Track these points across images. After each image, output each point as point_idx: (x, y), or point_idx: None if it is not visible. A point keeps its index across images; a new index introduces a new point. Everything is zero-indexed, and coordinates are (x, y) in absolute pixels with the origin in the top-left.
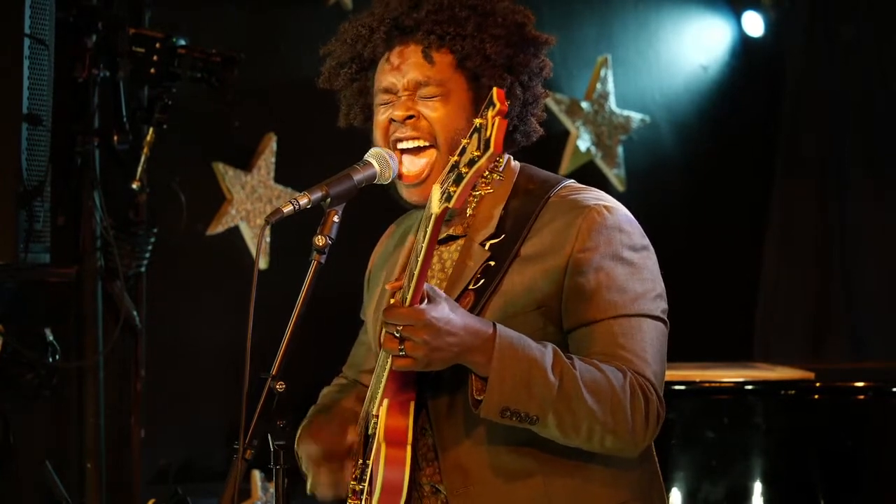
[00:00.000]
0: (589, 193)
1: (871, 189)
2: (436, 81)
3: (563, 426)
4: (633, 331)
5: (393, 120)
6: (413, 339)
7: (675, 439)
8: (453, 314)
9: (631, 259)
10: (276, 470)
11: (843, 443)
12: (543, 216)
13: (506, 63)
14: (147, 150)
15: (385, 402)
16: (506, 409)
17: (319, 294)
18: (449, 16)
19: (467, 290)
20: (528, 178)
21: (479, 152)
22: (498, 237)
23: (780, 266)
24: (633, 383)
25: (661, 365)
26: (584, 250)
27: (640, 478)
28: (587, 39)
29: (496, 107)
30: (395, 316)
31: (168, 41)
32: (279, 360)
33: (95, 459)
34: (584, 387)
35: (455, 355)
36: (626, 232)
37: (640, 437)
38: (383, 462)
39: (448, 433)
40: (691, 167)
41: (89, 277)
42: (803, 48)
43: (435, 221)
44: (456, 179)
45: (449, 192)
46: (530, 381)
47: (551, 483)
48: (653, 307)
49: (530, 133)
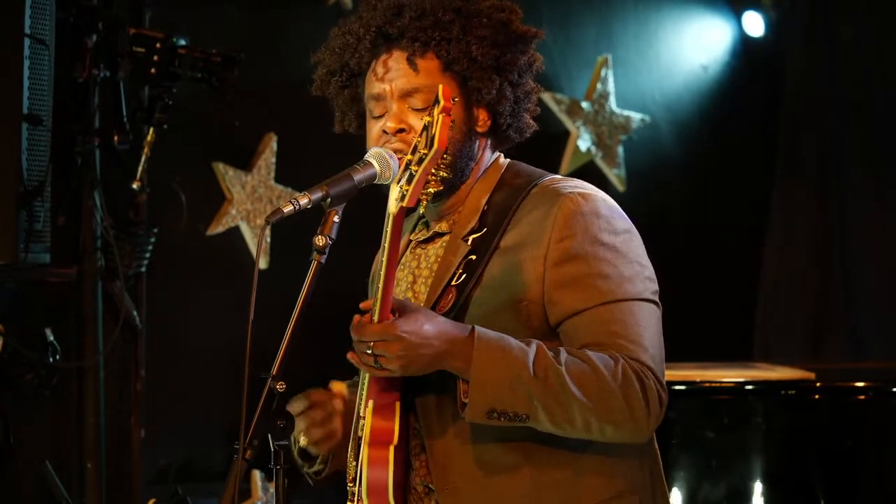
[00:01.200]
0: (567, 182)
1: (871, 189)
2: (425, 88)
3: (557, 420)
4: (623, 316)
5: (385, 131)
6: (386, 355)
7: (675, 439)
8: (427, 324)
9: (612, 243)
10: (277, 470)
11: (843, 443)
12: (524, 207)
13: (493, 64)
14: (147, 150)
15: (370, 403)
16: (492, 410)
17: (320, 294)
18: (433, 21)
19: (449, 285)
20: (514, 173)
21: (426, 150)
22: (480, 231)
23: (780, 266)
24: (627, 369)
25: (657, 347)
26: (561, 239)
27: (638, 469)
28: (587, 39)
29: (440, 104)
30: (364, 333)
31: (168, 41)
32: (279, 360)
33: (95, 459)
34: (571, 378)
35: (430, 363)
36: (604, 217)
37: (643, 422)
38: (366, 463)
39: (436, 431)
40: (691, 167)
41: (89, 277)
42: (803, 48)
43: (394, 222)
44: (408, 178)
45: (403, 192)
46: (513, 380)
47: (541, 476)
48: (641, 289)
49: (523, 129)
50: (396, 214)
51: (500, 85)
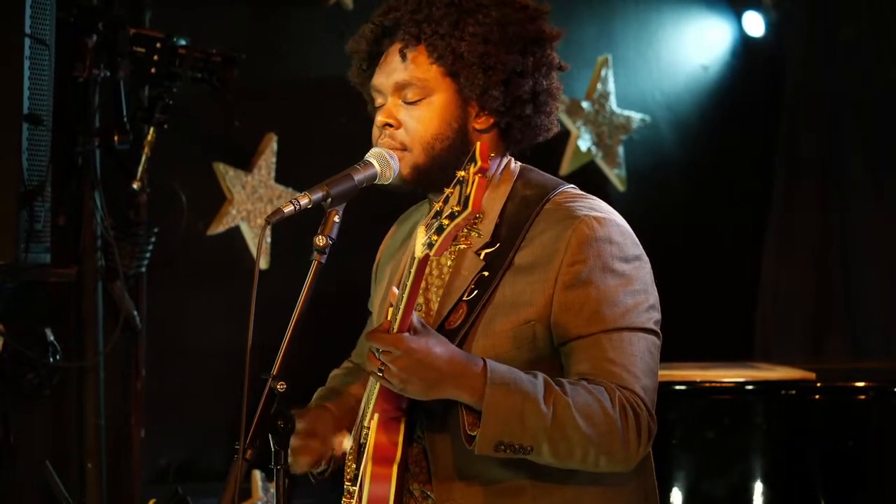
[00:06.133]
0: (583, 202)
1: (871, 189)
2: (419, 81)
3: (558, 454)
4: (622, 345)
5: (377, 126)
6: (390, 367)
7: (675, 439)
8: (438, 348)
9: (622, 270)
10: (277, 470)
11: (843, 443)
12: (538, 224)
13: (478, 61)
14: (148, 151)
15: (376, 416)
16: (500, 443)
17: (320, 294)
18: (426, 15)
19: (461, 301)
20: (525, 182)
21: (459, 208)
22: (493, 245)
23: (780, 266)
24: (622, 401)
25: (651, 379)
26: (573, 263)
27: (635, 491)
28: (587, 39)
29: (477, 164)
30: (376, 339)
31: (168, 41)
32: (280, 360)
33: (95, 459)
34: (577, 412)
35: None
36: (617, 243)
37: (634, 453)
38: (369, 479)
39: (440, 446)
40: (691, 167)
41: (89, 277)
42: (803, 48)
43: (418, 265)
44: (437, 229)
45: (431, 241)
46: (523, 414)
47: (542, 497)
48: (644, 319)
49: (537, 130)
50: (422, 259)
51: (485, 83)
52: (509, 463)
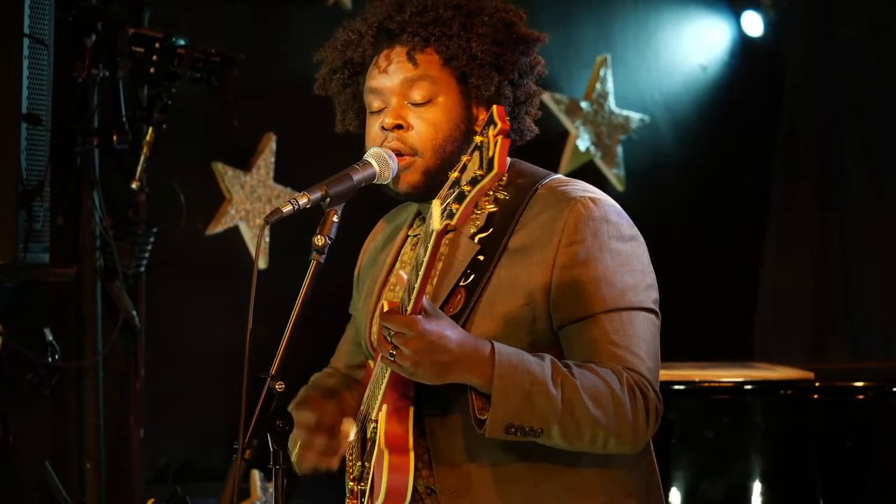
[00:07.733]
0: (576, 185)
1: (870, 189)
2: (427, 79)
3: (568, 435)
4: (624, 326)
5: (383, 128)
6: (402, 349)
7: (674, 439)
8: (450, 331)
9: (619, 250)
10: (276, 470)
11: (843, 443)
12: (531, 208)
13: (493, 62)
14: (147, 150)
15: (384, 407)
16: (510, 425)
17: (319, 294)
18: (433, 17)
19: (458, 286)
20: (517, 172)
21: (483, 171)
22: (487, 230)
23: (780, 266)
24: (630, 382)
25: (654, 359)
26: (571, 244)
27: (636, 475)
28: (586, 39)
29: (497, 125)
30: (390, 320)
31: (168, 41)
32: (278, 359)
33: (95, 459)
34: (586, 394)
35: (441, 370)
36: (614, 223)
37: (643, 434)
38: (387, 468)
39: (442, 435)
40: (691, 167)
41: (89, 277)
42: (802, 48)
43: (436, 238)
44: (458, 197)
45: (451, 210)
46: (532, 396)
47: (543, 481)
48: (643, 298)
49: (524, 132)
50: (440, 231)
51: (498, 83)
52: (511, 448)
